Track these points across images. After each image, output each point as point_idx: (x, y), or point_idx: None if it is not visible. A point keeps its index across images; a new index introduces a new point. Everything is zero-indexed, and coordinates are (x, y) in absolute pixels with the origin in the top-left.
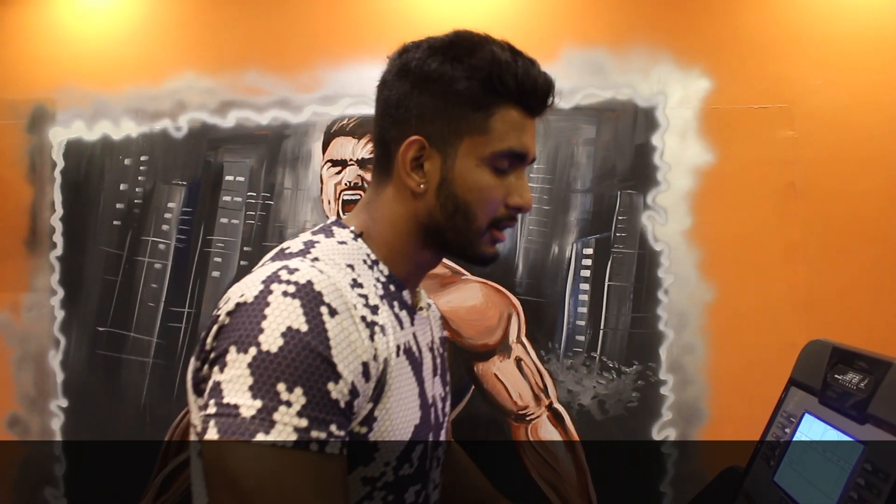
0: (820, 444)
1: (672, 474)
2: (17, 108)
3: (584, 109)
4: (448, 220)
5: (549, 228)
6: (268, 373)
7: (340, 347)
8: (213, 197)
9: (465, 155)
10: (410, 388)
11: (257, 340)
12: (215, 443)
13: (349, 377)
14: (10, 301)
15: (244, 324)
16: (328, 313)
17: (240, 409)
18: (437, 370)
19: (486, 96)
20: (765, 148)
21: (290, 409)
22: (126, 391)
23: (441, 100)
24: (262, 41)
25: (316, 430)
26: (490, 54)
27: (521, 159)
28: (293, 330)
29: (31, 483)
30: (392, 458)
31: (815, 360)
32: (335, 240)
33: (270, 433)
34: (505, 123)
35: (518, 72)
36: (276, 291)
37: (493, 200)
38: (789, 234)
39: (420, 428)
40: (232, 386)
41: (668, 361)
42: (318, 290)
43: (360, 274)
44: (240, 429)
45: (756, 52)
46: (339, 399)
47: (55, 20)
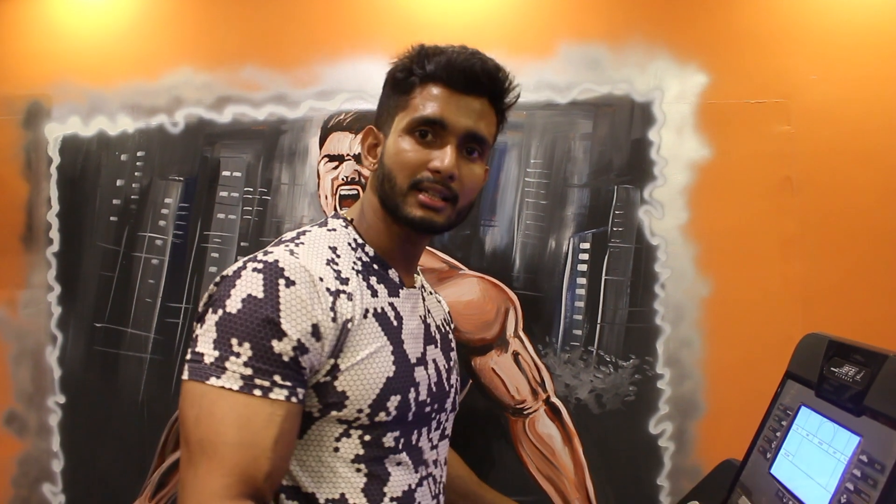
0: (816, 437)
1: (669, 467)
2: (12, 104)
3: (580, 104)
4: (381, 188)
5: (545, 223)
6: (227, 329)
7: (289, 311)
8: (210, 192)
9: (394, 131)
10: (380, 345)
11: (224, 304)
12: (186, 382)
13: (294, 335)
14: (7, 297)
15: (220, 292)
16: (284, 284)
17: (204, 356)
18: (435, 341)
19: (408, 79)
20: (761, 143)
21: (238, 359)
22: (124, 387)
23: (385, 93)
24: (258, 36)
25: (259, 379)
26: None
27: (442, 126)
28: (251, 297)
29: (30, 479)
30: (364, 405)
31: (811, 353)
32: (326, 228)
33: (221, 378)
34: (423, 98)
35: (438, 56)
36: (248, 268)
37: (409, 163)
38: (786, 229)
39: (394, 381)
40: (203, 338)
41: (665, 355)
42: (281, 267)
43: (341, 254)
44: (200, 372)
45: (753, 47)
46: (282, 354)
47: (50, 15)
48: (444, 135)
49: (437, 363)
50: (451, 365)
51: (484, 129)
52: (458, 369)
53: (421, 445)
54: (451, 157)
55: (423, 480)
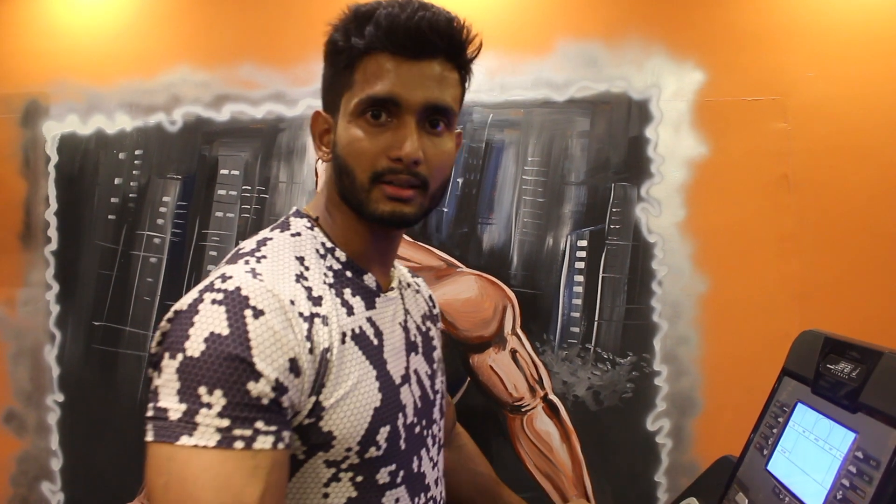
0: (812, 433)
1: (666, 464)
2: (10, 103)
3: (578, 102)
4: (339, 183)
5: (543, 221)
6: (191, 377)
7: (262, 346)
8: (208, 191)
9: (343, 115)
10: (363, 373)
11: (183, 346)
12: (151, 444)
13: (272, 374)
14: (6, 296)
15: (176, 330)
16: (252, 315)
17: (168, 412)
18: (415, 347)
19: (348, 50)
20: (758, 140)
21: (210, 410)
22: (122, 385)
23: (327, 67)
24: (256, 34)
25: (239, 428)
26: (353, 12)
27: (395, 104)
28: (215, 335)
29: (29, 478)
30: (353, 443)
31: (807, 350)
32: (289, 233)
33: (193, 435)
34: (367, 72)
35: (377, 16)
36: (206, 300)
37: (364, 153)
38: (782, 226)
39: (382, 410)
40: (164, 390)
41: (662, 352)
42: (245, 295)
43: (310, 266)
44: (167, 431)
45: (749, 44)
46: (262, 397)
47: (48, 14)
48: (400, 113)
49: (419, 374)
50: (434, 368)
51: (447, 97)
52: (442, 366)
53: (422, 471)
54: (412, 141)
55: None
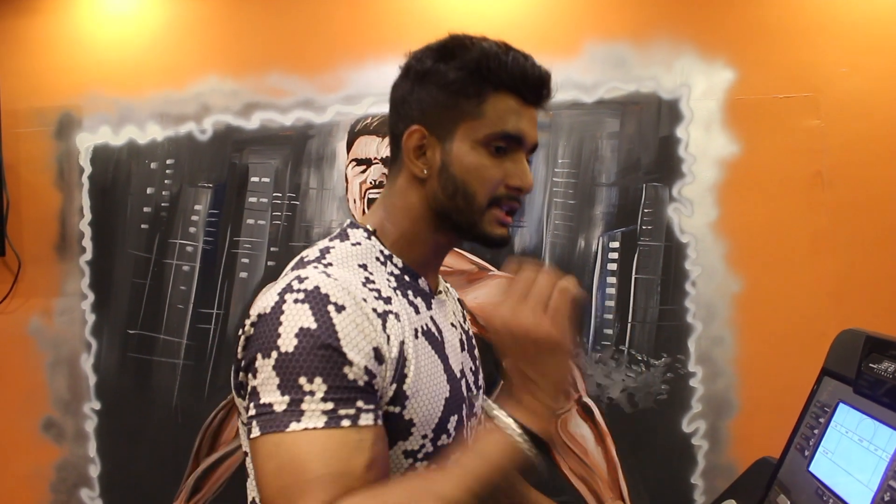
0: (856, 434)
1: (703, 466)
2: (44, 116)
3: (607, 103)
4: (450, 201)
5: (574, 223)
6: (289, 370)
7: (349, 337)
8: (239, 198)
9: (462, 139)
10: (434, 365)
11: (276, 344)
12: (260, 438)
13: (361, 361)
14: (42, 306)
15: (265, 332)
16: (335, 310)
17: (273, 406)
18: (463, 345)
19: (476, 84)
20: (791, 138)
21: (314, 397)
22: (157, 393)
23: (437, 91)
24: (284, 42)
25: (343, 409)
26: (479, 48)
27: (518, 142)
28: (304, 329)
29: (68, 485)
30: (428, 430)
31: (848, 349)
32: (349, 242)
33: (301, 421)
34: (497, 108)
35: (507, 61)
36: (288, 300)
37: (490, 179)
38: (817, 224)
39: (451, 400)
40: (264, 388)
41: (696, 353)
42: (325, 293)
43: (373, 271)
44: (276, 422)
45: (780, 41)
46: (357, 379)
47: (79, 28)
48: (517, 149)
49: (469, 370)
50: (477, 365)
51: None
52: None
53: None
54: (530, 174)
55: None
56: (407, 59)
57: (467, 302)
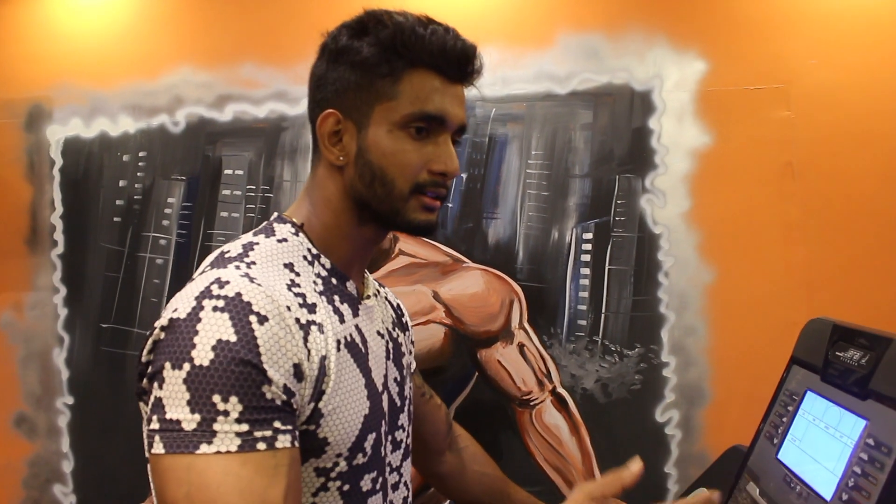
0: (822, 421)
1: (676, 455)
2: (13, 107)
3: (580, 94)
4: (368, 190)
5: (548, 214)
6: (202, 386)
7: (271, 353)
8: (213, 191)
9: (378, 123)
10: (355, 380)
11: (190, 356)
12: (163, 457)
13: (280, 380)
14: (13, 300)
15: (177, 340)
16: (257, 321)
17: (181, 423)
18: (389, 354)
19: (391, 61)
20: (762, 129)
21: (227, 417)
22: (131, 387)
23: (351, 71)
24: (257, 34)
25: (259, 430)
26: (395, 23)
27: (441, 123)
28: (223, 342)
29: (40, 480)
30: (343, 449)
31: (816, 338)
32: (275, 238)
33: (213, 442)
34: (415, 87)
35: (424, 34)
36: (206, 307)
37: (409, 165)
38: (788, 214)
39: (369, 418)
40: (171, 401)
41: (669, 343)
42: (247, 301)
43: (300, 272)
44: (183, 442)
45: (751, 33)
46: (275, 398)
47: (50, 18)
48: (441, 130)
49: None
50: (403, 374)
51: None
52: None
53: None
54: (455, 158)
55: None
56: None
57: (442, 294)
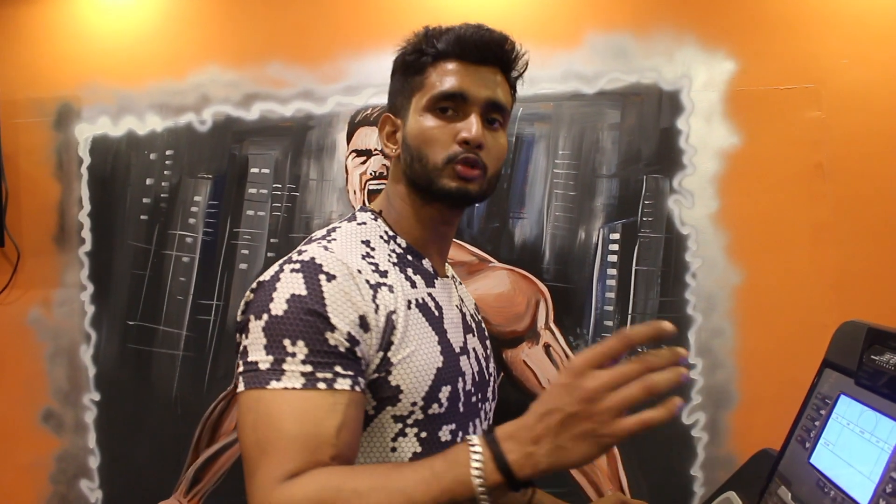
0: (857, 426)
1: (702, 458)
2: (43, 107)
3: (608, 94)
4: (411, 170)
5: (575, 214)
6: (276, 332)
7: (336, 304)
8: (239, 189)
9: (412, 112)
10: (427, 336)
11: (268, 307)
12: (243, 394)
13: (344, 328)
14: (42, 297)
15: (261, 297)
16: (326, 279)
17: (258, 364)
18: (470, 329)
19: (419, 60)
20: (792, 129)
21: (294, 358)
22: (157, 384)
23: (396, 79)
24: (284, 33)
25: (321, 372)
26: (427, 30)
27: (463, 99)
28: (295, 296)
29: (68, 476)
30: (418, 398)
31: (850, 341)
32: (356, 222)
33: (281, 380)
34: (437, 74)
35: (447, 32)
36: (286, 270)
37: (437, 139)
38: (818, 216)
39: (443, 371)
40: (252, 347)
41: (696, 345)
42: (319, 263)
43: (375, 247)
44: (258, 379)
45: (782, 32)
46: (338, 345)
47: (78, 18)
48: (466, 107)
49: (476, 352)
50: (488, 353)
51: (503, 97)
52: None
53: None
54: (477, 126)
55: None
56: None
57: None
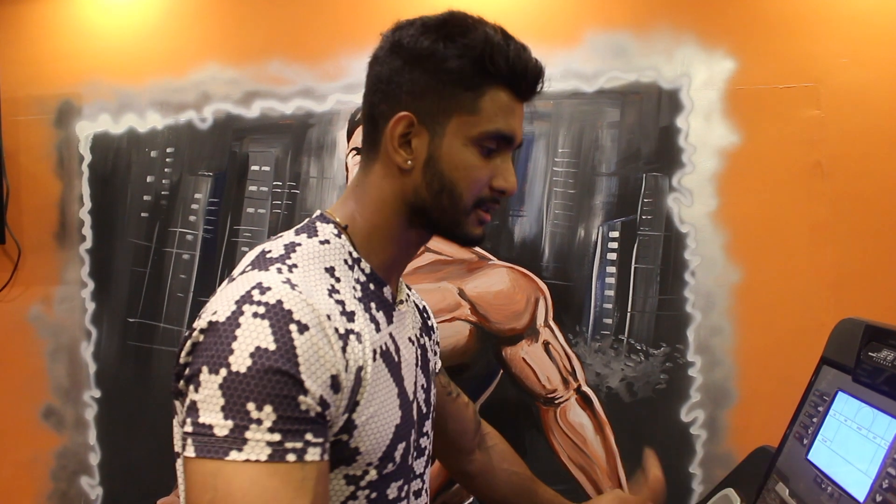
0: (854, 422)
1: (701, 455)
2: (44, 104)
3: (607, 93)
4: (433, 199)
5: (574, 212)
6: (237, 393)
7: (309, 363)
8: (240, 187)
9: (454, 133)
10: (389, 390)
11: (227, 361)
12: (193, 460)
13: (317, 391)
14: (42, 294)
15: (216, 344)
16: (297, 330)
17: (213, 428)
18: (417, 361)
19: (476, 76)
20: (790, 128)
21: (260, 426)
22: (157, 381)
23: (432, 77)
24: (284, 31)
25: (290, 442)
26: (483, 35)
27: (508, 142)
28: (261, 349)
29: (68, 472)
30: (374, 458)
31: (847, 338)
32: (317, 239)
33: (243, 450)
34: (494, 104)
35: (510, 54)
36: (247, 312)
37: (479, 181)
38: (816, 214)
39: (401, 427)
40: (205, 405)
41: (695, 343)
42: (288, 309)
43: (340, 277)
44: (214, 448)
45: (781, 31)
46: (310, 410)
47: (79, 16)
48: (506, 149)
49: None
50: (428, 381)
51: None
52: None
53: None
54: (515, 176)
55: None
56: (395, 30)
57: (468, 291)
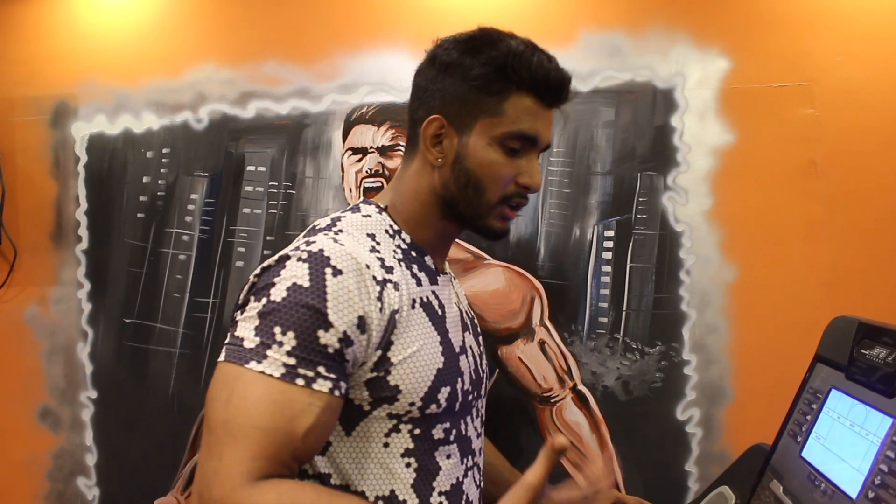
0: (848, 419)
1: (697, 453)
2: (39, 104)
3: (602, 92)
4: (460, 192)
5: (569, 211)
6: (270, 318)
7: (337, 302)
8: (236, 187)
9: (479, 134)
10: (429, 337)
11: (269, 293)
12: (222, 364)
13: (341, 327)
14: (39, 295)
15: (263, 280)
16: (331, 273)
17: (244, 341)
18: (466, 326)
19: (499, 82)
20: (785, 126)
21: (281, 348)
22: (154, 381)
23: (460, 84)
24: (280, 31)
25: (303, 368)
26: (507, 46)
27: (533, 143)
28: (297, 286)
29: (64, 473)
30: (416, 398)
31: (841, 335)
32: (360, 214)
33: (262, 363)
34: (517, 108)
35: (532, 63)
36: (293, 258)
37: (502, 177)
38: (811, 212)
39: (444, 372)
40: (244, 324)
41: (691, 341)
42: (327, 255)
43: (381, 241)
44: (239, 354)
45: (775, 29)
46: (328, 345)
47: (75, 16)
48: (531, 149)
49: (473, 350)
50: (481, 350)
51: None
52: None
53: (469, 435)
54: (540, 174)
55: (469, 471)
56: (434, 46)
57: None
